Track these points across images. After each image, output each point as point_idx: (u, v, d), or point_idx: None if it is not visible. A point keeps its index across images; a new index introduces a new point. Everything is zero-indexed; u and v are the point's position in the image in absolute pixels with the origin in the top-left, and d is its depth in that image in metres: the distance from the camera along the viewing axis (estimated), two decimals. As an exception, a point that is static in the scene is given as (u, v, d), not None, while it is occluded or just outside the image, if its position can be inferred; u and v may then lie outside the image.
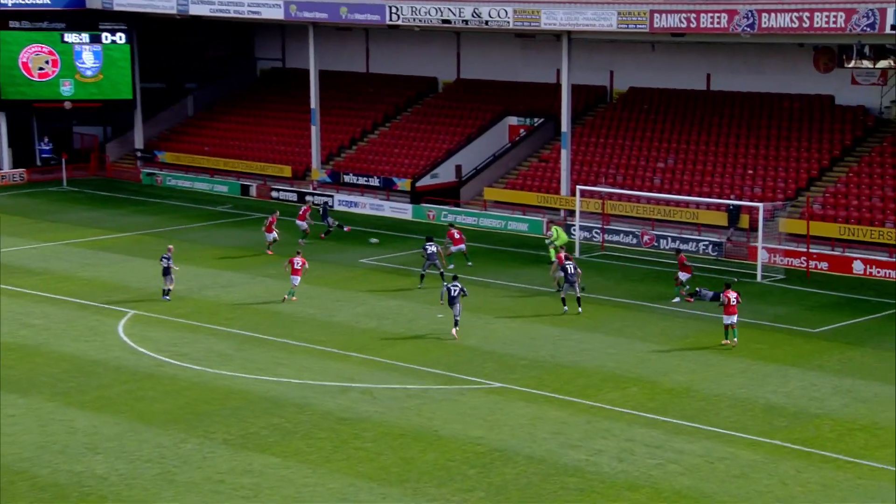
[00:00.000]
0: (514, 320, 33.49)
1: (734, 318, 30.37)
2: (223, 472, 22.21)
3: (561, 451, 23.24)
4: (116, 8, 57.62)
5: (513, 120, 54.55)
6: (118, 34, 58.91)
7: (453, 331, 31.39)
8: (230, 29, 65.14)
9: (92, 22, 58.58)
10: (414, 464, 22.65)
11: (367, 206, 51.96)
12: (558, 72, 50.55)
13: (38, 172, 59.67)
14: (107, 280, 37.93)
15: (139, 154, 61.86)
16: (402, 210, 50.80)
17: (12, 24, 57.51)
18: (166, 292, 35.44)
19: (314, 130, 55.19)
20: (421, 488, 21.58)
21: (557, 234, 39.99)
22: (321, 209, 46.86)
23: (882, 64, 46.03)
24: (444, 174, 52.81)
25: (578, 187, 44.10)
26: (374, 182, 53.33)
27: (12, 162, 59.52)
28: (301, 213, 44.58)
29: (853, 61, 46.07)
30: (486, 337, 31.72)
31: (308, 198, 50.93)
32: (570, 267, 33.77)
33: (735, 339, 30.53)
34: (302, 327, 32.54)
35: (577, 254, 42.14)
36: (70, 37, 58.44)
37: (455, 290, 31.60)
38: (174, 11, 56.54)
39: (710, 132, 48.63)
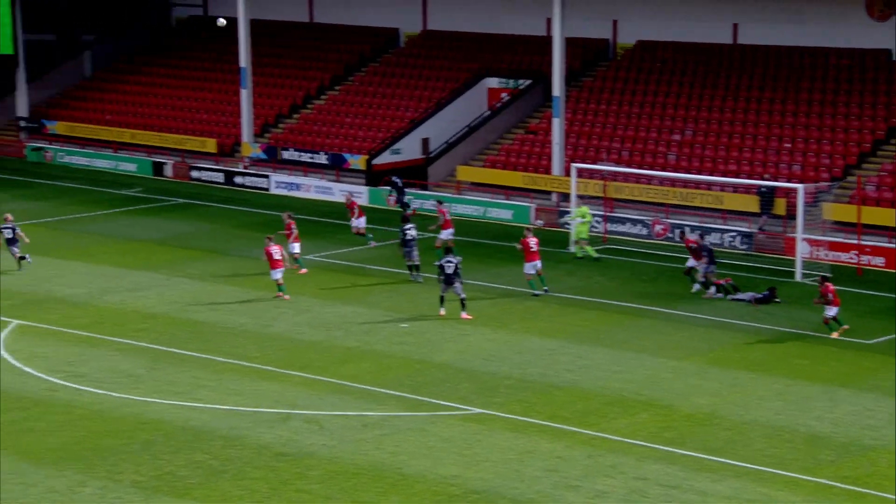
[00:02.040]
0: (497, 331, 33.50)
1: (836, 310, 32.66)
2: (132, 523, 22.13)
3: (555, 492, 23.26)
4: (-6, -60, 57.19)
5: (493, 82, 54.58)
6: (-4, -27, 58.46)
7: (463, 314, 33.83)
8: (138, -34, 64.93)
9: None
10: (372, 510, 22.62)
11: (312, 188, 51.83)
12: (549, 22, 50.58)
13: None
14: (-16, 282, 37.73)
15: (23, 124, 61.51)
16: (355, 194, 50.66)
17: None
18: (23, 258, 38.80)
19: (244, 95, 54.99)
20: (381, 541, 21.55)
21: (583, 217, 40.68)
22: (395, 185, 47.63)
23: (950, 10, 46.39)
24: (408, 150, 52.78)
25: (574, 165, 44.19)
26: (321, 159, 53.22)
27: None
28: (351, 208, 42.84)
29: (915, 7, 46.40)
30: (462, 351, 31.71)
31: (346, 191, 48.50)
32: None
33: (844, 325, 32.75)
34: (231, 341, 32.41)
35: (572, 247, 42.24)
36: (-67, -25, 57.90)
37: (450, 267, 33.59)
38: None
39: (738, 96, 48.87)
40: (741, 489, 23.29)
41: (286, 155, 54.03)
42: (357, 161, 52.09)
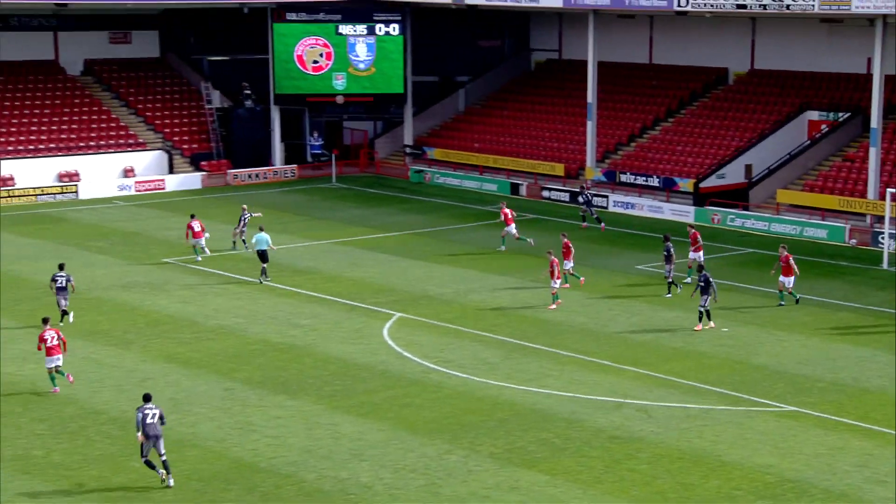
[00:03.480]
0: (811, 337, 32.14)
1: None
2: (489, 488, 22.55)
3: (866, 486, 22.07)
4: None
5: (813, 115, 52.40)
6: (392, 25, 61.06)
7: (704, 325, 32.60)
8: (504, 18, 66.24)
9: (366, 12, 61.08)
10: (694, 491, 22.16)
11: (645, 207, 51.41)
12: (869, 61, 48.06)
13: (309, 168, 62.95)
14: (373, 281, 39.38)
15: (408, 150, 63.93)
16: (683, 213, 49.89)
17: (289, 16, 60.87)
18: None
19: (590, 126, 55.19)
20: (701, 519, 21.09)
21: None
22: (584, 196, 47.90)
23: None
24: (732, 174, 51.43)
25: (889, 190, 41.73)
26: (654, 182, 52.67)
27: (284, 157, 63.09)
28: (505, 216, 43.40)
29: None
30: (778, 355, 30.62)
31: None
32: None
33: None
34: (572, 336, 32.60)
35: (884, 265, 39.92)
36: (345, 28, 61.13)
37: (704, 280, 32.82)
38: (450, 0, 58.08)
39: None
40: None
41: (623, 178, 53.78)
42: (686, 184, 51.19)
